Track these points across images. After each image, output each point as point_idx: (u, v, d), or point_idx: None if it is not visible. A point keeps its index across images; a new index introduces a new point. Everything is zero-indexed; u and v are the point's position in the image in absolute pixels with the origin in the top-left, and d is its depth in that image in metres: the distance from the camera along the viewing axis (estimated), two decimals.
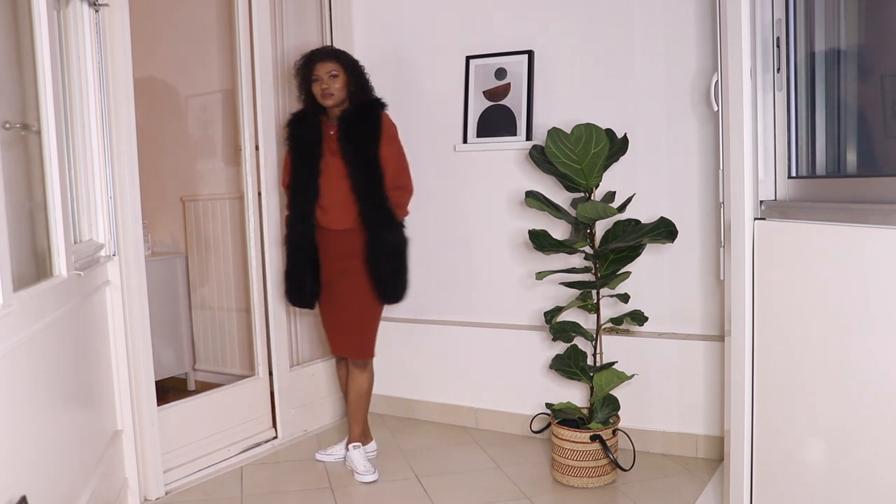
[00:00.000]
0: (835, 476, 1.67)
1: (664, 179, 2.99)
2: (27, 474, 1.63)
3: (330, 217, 2.80)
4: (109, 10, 2.50)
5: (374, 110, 2.81)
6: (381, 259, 2.77)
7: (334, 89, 2.76)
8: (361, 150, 2.75)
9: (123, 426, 2.58)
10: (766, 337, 1.92)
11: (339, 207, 2.77)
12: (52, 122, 1.96)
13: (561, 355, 2.81)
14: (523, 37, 3.23)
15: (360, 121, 2.78)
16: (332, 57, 2.79)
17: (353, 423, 2.93)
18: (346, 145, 2.75)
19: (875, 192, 1.61)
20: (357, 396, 2.91)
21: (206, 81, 3.86)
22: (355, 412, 2.93)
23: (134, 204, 2.62)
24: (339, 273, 2.83)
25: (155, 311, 3.26)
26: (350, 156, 2.75)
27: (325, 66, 2.77)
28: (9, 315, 1.52)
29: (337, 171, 2.77)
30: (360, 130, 2.77)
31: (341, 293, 2.83)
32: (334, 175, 2.77)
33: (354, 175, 2.74)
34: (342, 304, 2.84)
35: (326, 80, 2.76)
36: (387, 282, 2.80)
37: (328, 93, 2.76)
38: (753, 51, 1.93)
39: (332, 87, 2.76)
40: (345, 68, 2.78)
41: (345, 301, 2.83)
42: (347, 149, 2.75)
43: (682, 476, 2.75)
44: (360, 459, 2.86)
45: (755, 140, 1.96)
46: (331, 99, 2.76)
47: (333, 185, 2.77)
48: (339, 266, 2.82)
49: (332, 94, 2.76)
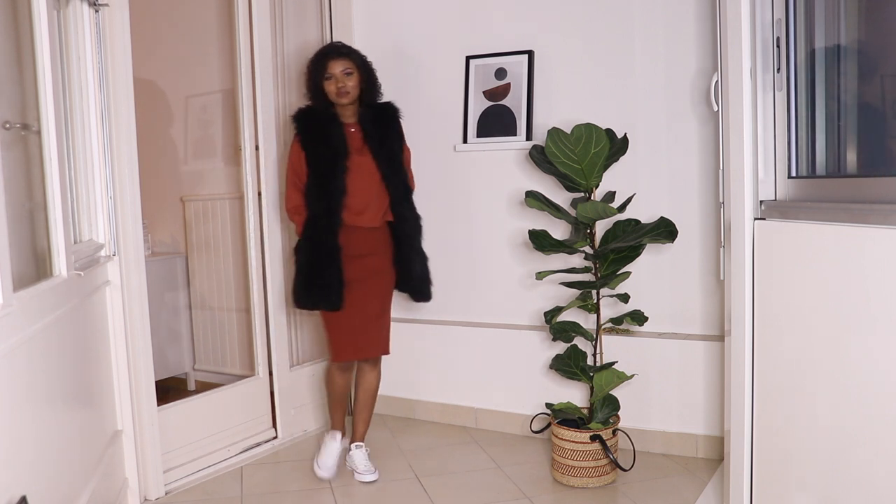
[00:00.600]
0: (835, 476, 1.67)
1: (664, 179, 2.99)
2: (27, 474, 1.63)
3: (363, 216, 2.77)
4: (109, 10, 2.50)
5: (392, 111, 2.87)
6: (415, 259, 2.85)
7: (349, 87, 2.74)
8: (392, 152, 2.81)
9: (123, 426, 2.58)
10: (766, 337, 1.92)
11: (374, 207, 2.77)
12: (52, 122, 1.96)
13: (561, 355, 2.81)
14: (523, 37, 3.23)
15: (383, 121, 2.83)
16: (346, 54, 2.78)
17: (362, 423, 2.92)
18: (376, 146, 2.78)
19: (875, 192, 1.61)
20: (369, 395, 2.90)
21: (206, 81, 3.86)
22: (365, 411, 2.92)
23: (134, 204, 2.62)
24: (367, 272, 2.79)
25: (155, 311, 3.27)
26: (383, 156, 2.78)
27: (340, 64, 2.74)
28: (9, 315, 1.52)
29: (368, 170, 2.76)
30: (386, 132, 2.82)
31: (374, 292, 2.81)
32: (366, 174, 2.76)
33: (389, 175, 2.78)
34: (375, 304, 2.82)
35: (341, 78, 2.73)
36: (418, 283, 2.86)
37: (344, 91, 2.73)
38: (753, 51, 1.93)
39: (347, 85, 2.74)
40: (358, 66, 2.78)
41: (378, 300, 2.83)
42: (379, 150, 2.78)
43: (682, 476, 2.75)
44: (362, 459, 2.86)
45: (755, 140, 1.96)
46: (346, 97, 2.75)
47: (365, 184, 2.75)
48: (366, 264, 2.79)
49: (347, 93, 2.74)
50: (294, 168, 2.79)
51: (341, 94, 2.74)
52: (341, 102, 2.76)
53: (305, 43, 3.47)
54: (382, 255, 2.83)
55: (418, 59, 3.46)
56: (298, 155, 2.77)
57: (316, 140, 2.76)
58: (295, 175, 2.79)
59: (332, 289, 2.71)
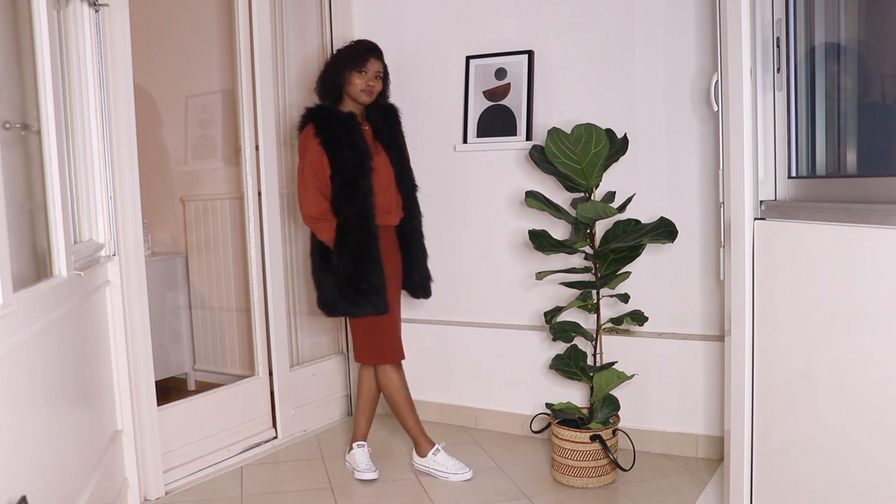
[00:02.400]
0: (835, 476, 1.67)
1: (664, 179, 2.99)
2: (27, 474, 1.63)
3: (390, 215, 2.79)
4: (109, 10, 2.50)
5: (396, 111, 2.89)
6: (422, 257, 2.90)
7: (376, 90, 2.77)
8: (399, 148, 2.85)
9: (123, 426, 2.58)
10: (766, 337, 1.92)
11: (395, 205, 2.81)
12: (52, 123, 1.96)
13: (561, 355, 2.81)
14: (523, 37, 3.23)
15: (390, 121, 2.85)
16: (382, 58, 2.80)
17: (366, 421, 2.95)
18: (390, 145, 2.81)
19: (875, 192, 1.61)
20: (387, 395, 2.87)
21: (206, 81, 3.86)
22: (371, 410, 2.97)
23: (134, 204, 2.62)
24: (392, 271, 2.80)
25: (155, 311, 3.27)
26: (395, 155, 2.82)
27: (377, 65, 2.76)
28: (9, 315, 1.52)
29: (386, 169, 2.78)
30: (394, 131, 2.85)
31: (398, 291, 2.87)
32: (385, 173, 2.77)
33: (402, 173, 2.83)
34: (399, 301, 2.87)
35: (373, 78, 2.75)
36: (424, 281, 2.90)
37: (371, 91, 2.75)
38: (753, 51, 1.93)
39: (376, 87, 2.76)
40: (386, 74, 2.83)
41: (399, 298, 2.88)
42: (393, 148, 2.82)
43: (682, 476, 2.75)
44: (363, 458, 2.87)
45: (755, 140, 1.96)
46: (370, 98, 2.76)
47: (385, 183, 2.77)
48: (392, 264, 2.80)
49: (372, 94, 2.76)
50: (315, 171, 2.65)
51: (367, 92, 2.74)
52: (362, 100, 2.76)
53: (305, 43, 3.47)
54: (398, 253, 2.87)
55: (418, 59, 3.46)
56: (321, 157, 2.65)
57: (338, 141, 2.65)
58: (316, 178, 2.65)
59: (381, 293, 2.65)
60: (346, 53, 2.78)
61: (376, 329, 2.75)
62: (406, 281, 2.90)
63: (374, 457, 2.94)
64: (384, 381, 2.82)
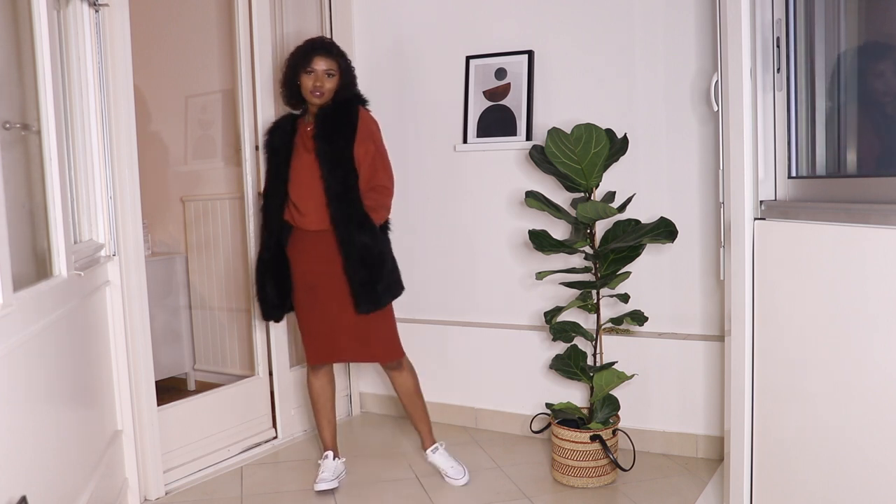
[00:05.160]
0: (835, 476, 1.67)
1: (664, 179, 2.99)
2: (27, 474, 1.63)
3: (306, 218, 2.63)
4: (109, 10, 2.50)
5: (351, 107, 2.65)
6: (353, 264, 2.58)
7: (326, 89, 2.61)
8: (336, 148, 2.59)
9: (123, 426, 2.58)
10: (766, 337, 1.92)
11: (314, 208, 2.61)
12: (52, 123, 1.96)
13: (561, 355, 2.81)
14: (523, 37, 3.23)
15: (336, 118, 2.63)
16: (334, 55, 2.63)
17: (419, 423, 2.83)
18: (320, 144, 2.60)
19: (875, 192, 1.61)
20: (409, 396, 2.78)
21: (206, 81, 3.86)
22: (415, 412, 2.81)
23: (134, 204, 2.62)
24: (322, 276, 2.64)
25: (155, 311, 3.27)
26: (323, 155, 2.59)
27: (325, 63, 2.61)
28: (9, 315, 1.52)
29: (307, 169, 2.62)
30: (336, 128, 2.61)
31: (330, 296, 2.64)
32: (303, 173, 2.63)
33: (326, 175, 2.58)
34: (335, 308, 2.64)
35: (321, 76, 2.60)
36: (358, 289, 2.58)
37: (319, 91, 2.60)
38: (753, 51, 1.93)
39: (325, 86, 2.60)
40: (342, 71, 2.65)
41: (337, 305, 2.64)
42: (322, 148, 2.59)
43: (682, 476, 2.75)
44: (442, 460, 2.81)
45: (755, 140, 1.96)
46: (320, 98, 2.61)
47: (307, 184, 2.62)
48: (321, 269, 2.64)
49: (322, 94, 2.61)
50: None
51: (315, 93, 2.61)
52: (313, 101, 2.63)
53: None
54: (335, 261, 2.62)
55: (418, 60, 3.46)
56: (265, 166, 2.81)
57: (271, 145, 2.75)
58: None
59: (266, 301, 2.76)
60: (295, 54, 2.65)
61: (301, 330, 2.80)
62: None
63: (374, 457, 2.94)
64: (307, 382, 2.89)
